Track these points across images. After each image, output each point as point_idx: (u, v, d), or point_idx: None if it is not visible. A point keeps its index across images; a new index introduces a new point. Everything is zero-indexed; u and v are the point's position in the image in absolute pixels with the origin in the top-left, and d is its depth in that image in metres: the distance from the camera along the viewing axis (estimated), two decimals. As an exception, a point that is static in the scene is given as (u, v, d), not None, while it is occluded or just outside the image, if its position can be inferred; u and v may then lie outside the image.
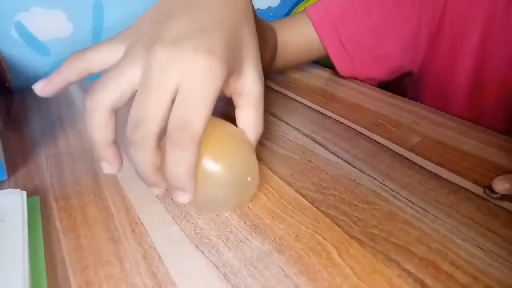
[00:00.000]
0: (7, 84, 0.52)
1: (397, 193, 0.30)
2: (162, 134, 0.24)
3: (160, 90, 0.23)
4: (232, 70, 0.26)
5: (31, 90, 0.28)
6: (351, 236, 0.26)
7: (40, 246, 0.25)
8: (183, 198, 0.25)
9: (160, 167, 0.24)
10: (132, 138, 0.24)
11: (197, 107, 0.23)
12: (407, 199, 0.29)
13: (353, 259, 0.24)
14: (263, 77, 0.29)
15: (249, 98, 0.29)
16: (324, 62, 0.59)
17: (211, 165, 0.26)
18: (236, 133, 0.29)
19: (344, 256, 0.24)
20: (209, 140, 0.25)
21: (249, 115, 0.29)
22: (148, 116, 0.23)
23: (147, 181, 0.25)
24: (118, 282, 0.23)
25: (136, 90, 0.24)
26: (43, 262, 0.24)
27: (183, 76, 0.23)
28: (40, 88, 0.27)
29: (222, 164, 0.27)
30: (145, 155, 0.24)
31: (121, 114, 0.26)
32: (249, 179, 0.28)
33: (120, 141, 0.26)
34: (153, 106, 0.23)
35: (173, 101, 0.24)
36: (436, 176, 0.32)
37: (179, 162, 0.23)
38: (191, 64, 0.23)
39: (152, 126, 0.23)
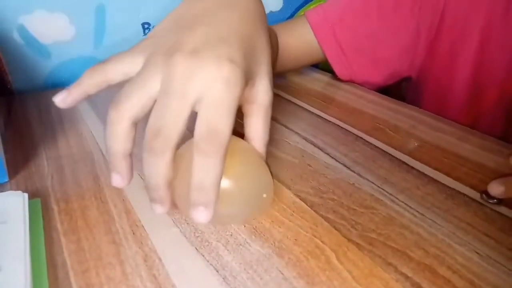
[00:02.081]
0: (8, 86, 0.52)
1: (395, 197, 0.30)
2: (178, 145, 0.24)
3: (182, 98, 0.23)
4: (248, 79, 0.26)
5: (32, 92, 0.28)
6: (349, 240, 0.26)
7: (41, 248, 0.25)
8: (203, 215, 0.24)
9: (171, 183, 0.25)
10: (151, 146, 0.23)
11: (223, 115, 0.23)
12: (405, 204, 0.30)
13: (351, 262, 0.25)
14: (272, 84, 0.30)
15: (260, 106, 0.29)
16: (323, 66, 0.60)
17: (229, 182, 0.26)
18: (248, 148, 0.30)
19: (342, 259, 0.25)
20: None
21: (258, 124, 0.29)
22: (169, 124, 0.23)
23: (157, 193, 0.25)
24: (119, 285, 0.23)
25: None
26: (44, 264, 0.24)
27: (206, 85, 0.24)
28: (61, 100, 0.27)
29: (240, 181, 0.27)
30: (162, 164, 0.24)
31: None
32: (264, 195, 0.28)
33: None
34: (174, 114, 0.23)
35: (192, 111, 0.24)
36: (434, 181, 0.32)
37: (207, 171, 0.23)
38: (214, 73, 0.24)
39: (173, 134, 0.23)
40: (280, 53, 0.51)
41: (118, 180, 0.26)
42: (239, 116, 0.30)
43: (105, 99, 0.53)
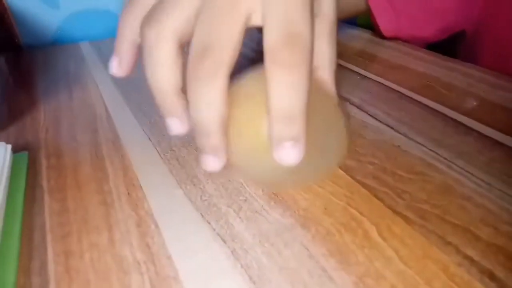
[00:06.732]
0: (16, 40, 0.48)
1: (452, 162, 0.24)
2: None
3: (235, 6, 0.17)
4: None
5: (40, 47, 0.23)
6: (395, 212, 0.21)
7: (18, 207, 0.21)
8: (293, 154, 0.18)
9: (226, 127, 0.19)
10: (197, 71, 0.17)
11: (303, 11, 0.17)
12: (465, 170, 0.24)
13: (398, 239, 0.19)
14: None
15: (325, 22, 0.21)
16: (361, 22, 0.53)
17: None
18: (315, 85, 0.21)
19: (385, 235, 0.19)
20: None
21: (324, 46, 0.21)
22: (221, 40, 0.17)
23: (209, 140, 0.19)
24: (103, 254, 0.19)
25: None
26: (19, 224, 0.20)
27: None
28: (116, 67, 0.21)
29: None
30: (214, 94, 0.17)
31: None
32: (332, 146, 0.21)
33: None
34: (226, 28, 0.17)
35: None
36: (500, 144, 0.26)
37: (295, 90, 0.17)
38: None
39: (225, 54, 0.17)
40: None
41: (177, 125, 0.20)
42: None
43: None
